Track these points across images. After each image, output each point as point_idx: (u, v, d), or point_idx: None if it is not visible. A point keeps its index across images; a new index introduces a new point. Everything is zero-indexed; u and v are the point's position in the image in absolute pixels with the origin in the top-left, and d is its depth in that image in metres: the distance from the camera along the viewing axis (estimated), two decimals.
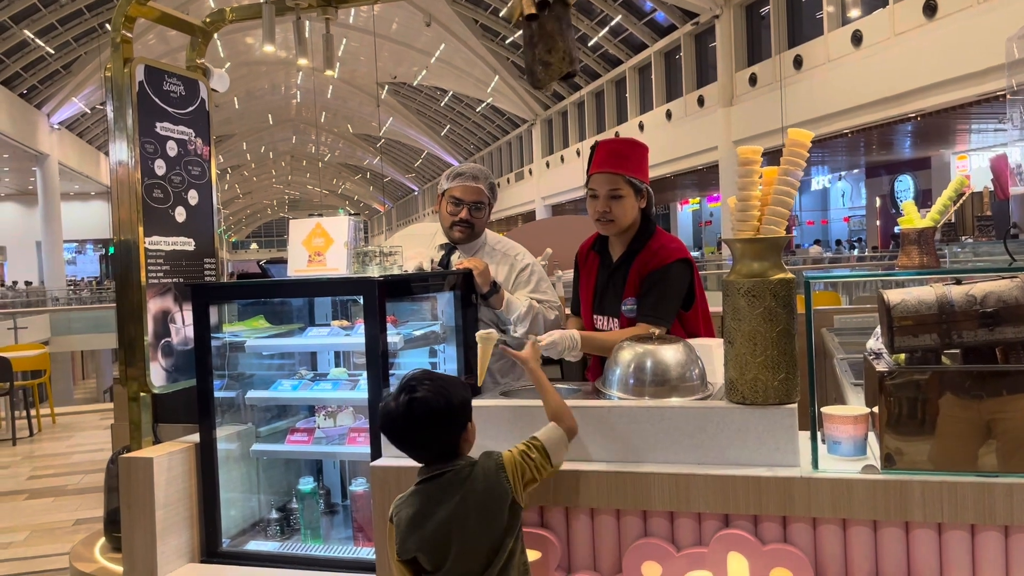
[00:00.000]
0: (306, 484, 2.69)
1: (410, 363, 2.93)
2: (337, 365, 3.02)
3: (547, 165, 31.13)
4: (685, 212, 32.58)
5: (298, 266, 2.69)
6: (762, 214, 1.94)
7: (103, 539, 3.33)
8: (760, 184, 1.95)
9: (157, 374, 2.78)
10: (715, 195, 27.10)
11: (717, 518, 1.86)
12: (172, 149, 2.90)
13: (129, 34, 2.82)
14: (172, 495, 2.58)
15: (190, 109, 3.00)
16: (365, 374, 2.49)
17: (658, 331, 2.50)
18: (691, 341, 2.24)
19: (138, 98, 2.76)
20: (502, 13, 22.81)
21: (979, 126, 16.97)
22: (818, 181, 28.22)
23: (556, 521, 1.96)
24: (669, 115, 22.32)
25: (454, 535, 1.75)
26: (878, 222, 25.25)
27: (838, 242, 26.55)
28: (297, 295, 2.97)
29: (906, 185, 23.49)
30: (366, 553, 2.49)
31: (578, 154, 27.17)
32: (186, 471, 2.65)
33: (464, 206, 3.03)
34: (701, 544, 1.86)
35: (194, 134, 3.01)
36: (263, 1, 3.21)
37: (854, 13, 15.34)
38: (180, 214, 2.93)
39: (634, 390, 2.07)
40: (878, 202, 25.29)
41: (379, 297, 2.39)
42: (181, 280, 2.90)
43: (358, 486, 2.58)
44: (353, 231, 2.67)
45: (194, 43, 3.18)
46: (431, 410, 1.75)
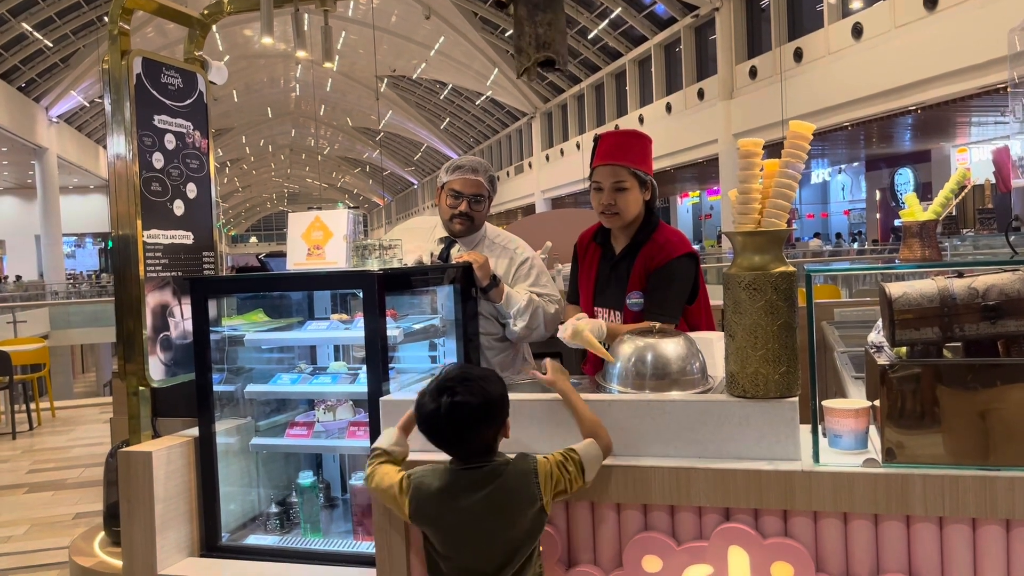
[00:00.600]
0: (306, 478, 2.68)
1: (410, 357, 2.93)
2: (336, 359, 3.01)
3: (547, 158, 31.09)
4: (685, 205, 32.56)
5: (297, 259, 2.67)
6: (763, 207, 1.93)
7: (102, 533, 3.33)
8: (761, 177, 1.94)
9: (156, 368, 2.77)
10: (715, 188, 27.09)
11: (718, 512, 1.85)
12: (170, 142, 2.89)
13: (126, 26, 2.81)
14: (171, 489, 2.58)
15: (188, 102, 2.98)
16: (365, 368, 2.48)
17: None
18: (692, 334, 2.24)
19: (136, 91, 2.74)
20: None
21: (979, 119, 16.95)
22: (818, 174, 28.20)
23: (556, 515, 1.95)
24: (669, 108, 22.28)
25: (472, 528, 1.76)
26: (878, 215, 25.24)
27: (838, 235, 26.53)
28: (296, 289, 2.96)
29: (906, 178, 23.48)
30: (366, 547, 2.48)
31: (578, 147, 27.12)
32: (185, 465, 2.64)
33: (464, 199, 3.02)
34: (702, 538, 1.85)
35: (192, 127, 3.00)
36: None
37: (855, 5, 15.30)
38: (179, 207, 2.91)
39: (634, 384, 2.06)
40: (878, 195, 25.27)
41: (378, 291, 2.38)
42: (180, 274, 2.89)
43: (358, 480, 2.58)
44: (352, 224, 2.66)
45: (192, 35, 3.16)
46: (472, 410, 1.75)
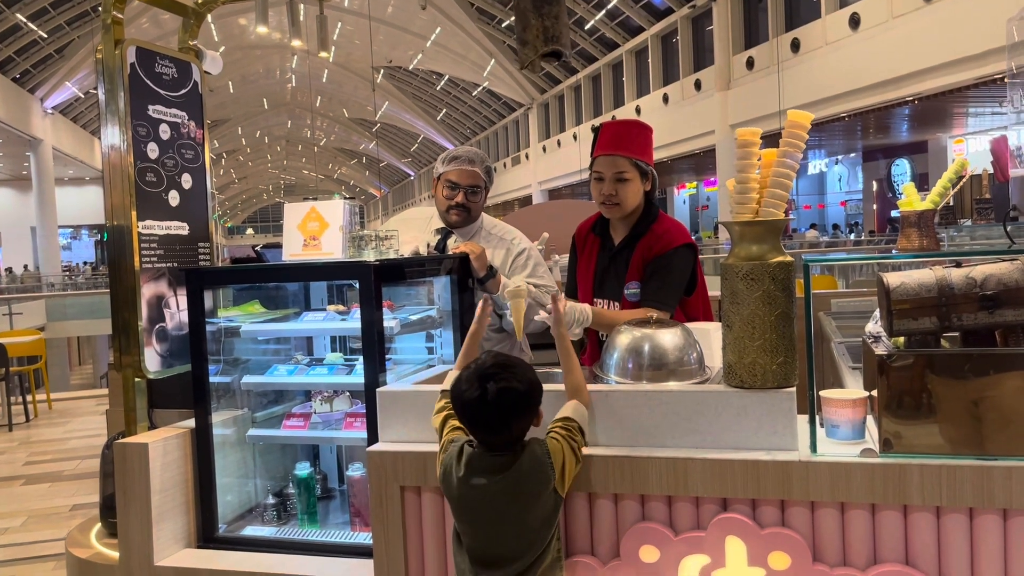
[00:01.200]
0: (302, 469, 2.68)
1: (406, 348, 2.92)
2: (333, 350, 3.00)
3: (544, 150, 31.04)
4: (682, 197, 32.54)
5: (293, 250, 2.66)
6: (761, 196, 1.92)
7: (99, 524, 3.32)
8: (759, 167, 1.93)
9: (152, 359, 2.76)
10: (712, 179, 27.08)
11: (715, 502, 1.85)
12: (165, 132, 2.87)
13: (120, 15, 2.79)
14: (168, 480, 2.57)
15: (183, 92, 2.96)
16: (361, 359, 2.47)
17: (662, 316, 2.49)
18: (689, 325, 2.23)
19: (130, 80, 2.72)
20: None
21: (976, 110, 16.94)
22: (815, 165, 28.19)
23: None
24: (666, 99, 22.24)
25: (486, 510, 1.77)
26: (875, 206, 25.25)
27: (835, 226, 26.54)
28: (292, 279, 2.95)
29: (903, 169, 23.49)
30: (363, 538, 2.48)
31: (575, 138, 27.08)
32: (182, 456, 2.63)
33: (460, 190, 3.01)
34: (699, 528, 1.85)
35: (187, 117, 2.98)
36: None
37: None
38: (174, 198, 2.90)
39: (632, 374, 2.06)
40: (875, 186, 25.28)
41: (375, 281, 2.37)
42: (175, 265, 2.87)
43: (355, 471, 2.58)
44: (348, 215, 2.65)
45: (186, 24, 3.14)
46: (519, 395, 1.75)
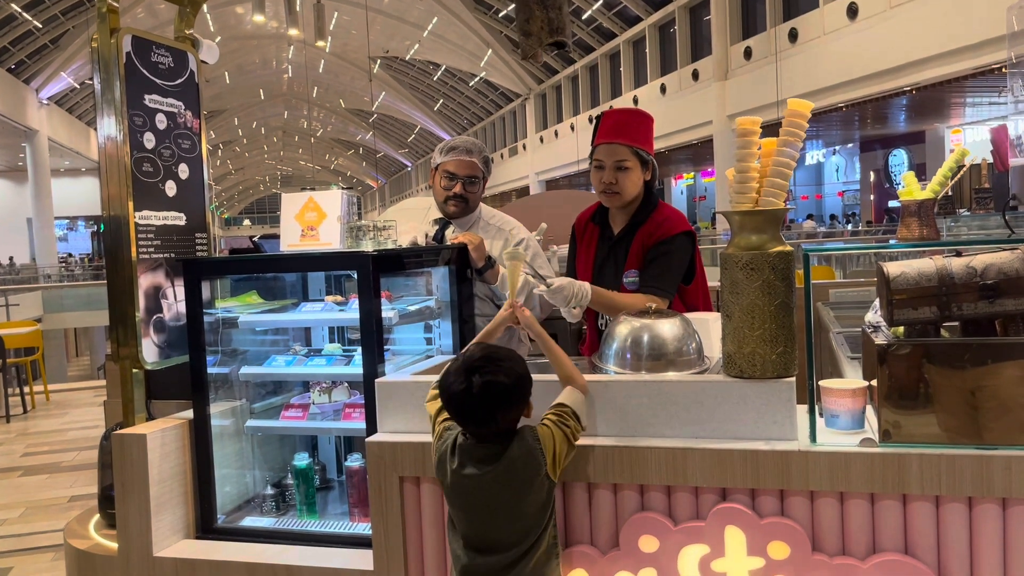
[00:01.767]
0: (301, 460, 2.68)
1: (405, 338, 2.92)
2: (331, 341, 3.00)
3: (541, 140, 30.97)
4: (679, 187, 32.53)
5: (291, 241, 2.66)
6: (761, 186, 1.91)
7: (98, 516, 3.32)
8: (759, 156, 1.93)
9: (149, 350, 2.75)
10: (709, 170, 27.04)
11: (714, 492, 1.85)
12: (161, 122, 2.85)
13: (115, 3, 2.76)
14: (166, 471, 2.57)
15: (179, 81, 2.95)
16: (360, 349, 2.47)
17: (660, 302, 2.49)
18: (688, 315, 2.23)
19: (126, 69, 2.71)
20: None
21: (974, 99, 16.93)
22: (812, 156, 28.17)
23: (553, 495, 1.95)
24: (664, 89, 22.19)
25: (478, 498, 1.77)
26: (872, 196, 25.26)
27: (832, 217, 26.55)
28: (290, 270, 2.94)
29: (900, 159, 23.49)
30: (362, 528, 2.48)
31: (572, 129, 27.03)
32: (180, 447, 2.63)
33: (458, 180, 3.00)
34: (698, 518, 1.85)
35: (184, 106, 2.96)
36: None
37: None
38: (171, 188, 2.88)
39: (631, 364, 2.05)
40: (872, 177, 25.28)
41: (373, 272, 2.36)
42: (172, 255, 2.86)
43: (353, 461, 2.57)
44: (346, 205, 2.64)
45: (182, 13, 3.11)
46: (505, 389, 1.74)
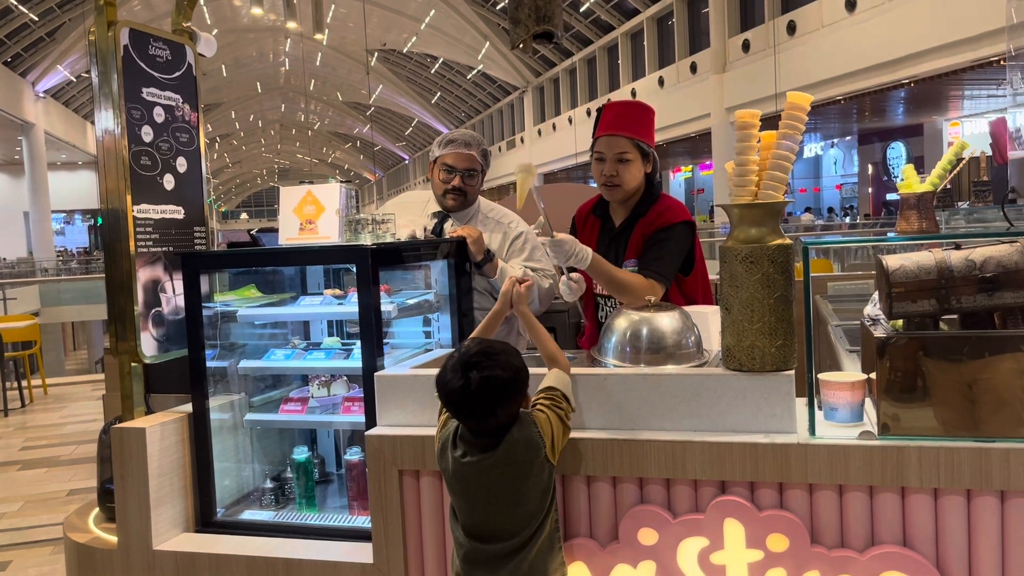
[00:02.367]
0: (300, 453, 2.68)
1: (404, 332, 2.91)
2: (330, 334, 3.00)
3: (539, 133, 30.93)
4: (677, 180, 32.50)
5: (289, 234, 2.65)
6: (760, 179, 1.91)
7: (97, 509, 3.31)
8: (758, 149, 1.92)
9: (148, 344, 2.75)
10: (708, 163, 27.02)
11: (713, 485, 1.85)
12: (159, 115, 2.85)
13: None
14: (165, 465, 2.57)
15: (177, 74, 2.94)
16: (359, 343, 2.47)
17: (657, 285, 2.52)
18: (687, 308, 2.23)
19: (123, 63, 2.69)
20: None
21: (972, 92, 16.92)
22: (810, 148, 28.16)
23: None
24: (662, 82, 22.15)
25: (481, 485, 1.78)
26: (870, 189, 25.26)
27: (830, 210, 26.56)
28: (288, 263, 2.93)
29: (898, 152, 23.49)
30: (361, 521, 2.48)
31: (570, 122, 26.99)
32: (179, 441, 2.63)
33: (457, 174, 2.99)
34: (697, 511, 1.86)
35: (181, 100, 2.95)
36: None
37: None
38: (169, 182, 2.88)
39: (630, 357, 2.05)
40: (870, 169, 25.28)
41: (372, 265, 2.36)
42: (171, 249, 2.86)
43: (353, 455, 2.58)
44: (344, 198, 2.63)
45: (180, 6, 3.10)
46: (503, 383, 1.74)
